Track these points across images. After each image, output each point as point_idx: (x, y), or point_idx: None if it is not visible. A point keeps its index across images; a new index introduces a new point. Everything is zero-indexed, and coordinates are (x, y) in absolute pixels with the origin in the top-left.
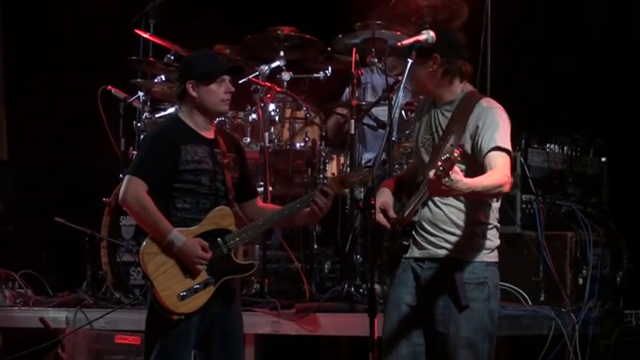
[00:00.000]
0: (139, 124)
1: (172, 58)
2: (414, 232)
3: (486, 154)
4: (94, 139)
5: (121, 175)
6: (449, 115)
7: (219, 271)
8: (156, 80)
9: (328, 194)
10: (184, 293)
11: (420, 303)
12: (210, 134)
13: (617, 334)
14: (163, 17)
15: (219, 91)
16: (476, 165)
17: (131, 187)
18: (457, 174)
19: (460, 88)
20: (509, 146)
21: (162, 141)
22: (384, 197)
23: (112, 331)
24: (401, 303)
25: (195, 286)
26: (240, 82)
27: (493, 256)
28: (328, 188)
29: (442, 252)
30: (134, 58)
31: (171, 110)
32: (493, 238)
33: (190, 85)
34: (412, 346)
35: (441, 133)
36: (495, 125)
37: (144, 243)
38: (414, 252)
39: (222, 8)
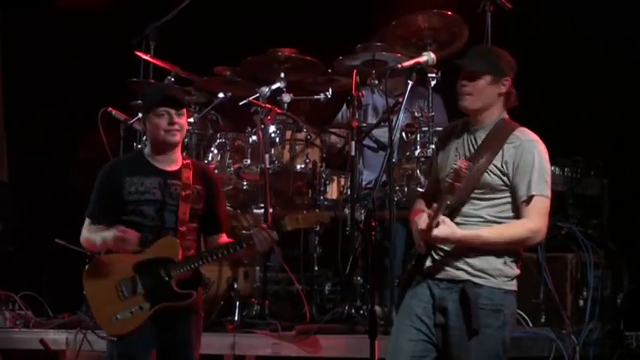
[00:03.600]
0: (139, 146)
1: (173, 79)
2: (433, 252)
3: (522, 202)
4: (95, 160)
5: None
6: (480, 139)
7: (156, 298)
8: None
9: (270, 235)
10: (119, 315)
11: (433, 321)
12: (168, 166)
13: (618, 356)
14: (164, 39)
15: (161, 124)
16: (500, 194)
17: (83, 229)
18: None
19: (499, 114)
20: (546, 190)
21: (104, 176)
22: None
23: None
24: (412, 315)
25: (130, 310)
26: (241, 103)
27: (512, 285)
28: (267, 231)
29: (461, 274)
30: (135, 79)
31: None
32: (513, 267)
33: (143, 119)
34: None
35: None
36: (532, 166)
37: (86, 266)
38: (433, 271)
39: (223, 30)
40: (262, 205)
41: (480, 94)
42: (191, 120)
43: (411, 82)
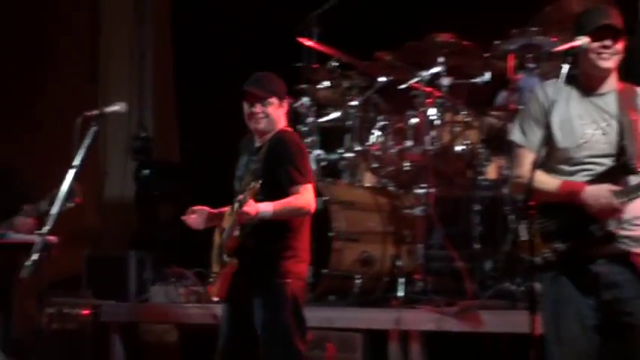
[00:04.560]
0: (304, 128)
1: (335, 64)
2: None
3: None
4: None
5: None
6: (612, 101)
7: (220, 262)
8: (320, 86)
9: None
10: (210, 279)
11: (600, 298)
12: (257, 144)
13: None
14: (326, 25)
15: (246, 111)
16: None
17: None
18: None
19: (616, 77)
20: None
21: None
22: (605, 186)
23: None
24: (576, 299)
25: (213, 273)
26: (401, 87)
27: None
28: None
29: (623, 247)
30: (298, 64)
31: (335, 114)
32: None
33: None
34: (590, 343)
35: (609, 120)
36: None
37: None
38: (596, 250)
39: (383, 14)
40: (424, 185)
41: (618, 55)
42: (354, 103)
43: (566, 66)
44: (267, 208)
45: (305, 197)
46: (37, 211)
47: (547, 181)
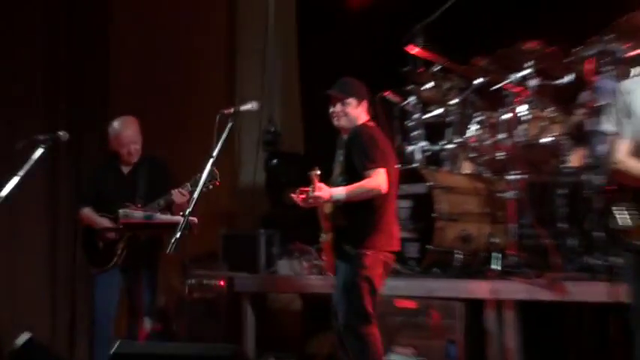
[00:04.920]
0: (411, 124)
1: (438, 68)
2: None
3: None
4: None
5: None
6: None
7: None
8: (424, 87)
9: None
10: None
11: None
12: (344, 139)
13: None
14: (429, 35)
15: (330, 111)
16: None
17: None
18: None
19: None
20: None
21: None
22: None
23: (391, 296)
24: None
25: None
26: (494, 87)
27: None
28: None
29: None
30: (406, 69)
31: (438, 111)
32: None
33: None
34: None
35: None
36: None
37: None
38: None
39: (479, 25)
40: (513, 172)
41: None
42: (454, 102)
43: (635, 68)
44: (340, 191)
45: (376, 180)
46: (188, 189)
47: None
